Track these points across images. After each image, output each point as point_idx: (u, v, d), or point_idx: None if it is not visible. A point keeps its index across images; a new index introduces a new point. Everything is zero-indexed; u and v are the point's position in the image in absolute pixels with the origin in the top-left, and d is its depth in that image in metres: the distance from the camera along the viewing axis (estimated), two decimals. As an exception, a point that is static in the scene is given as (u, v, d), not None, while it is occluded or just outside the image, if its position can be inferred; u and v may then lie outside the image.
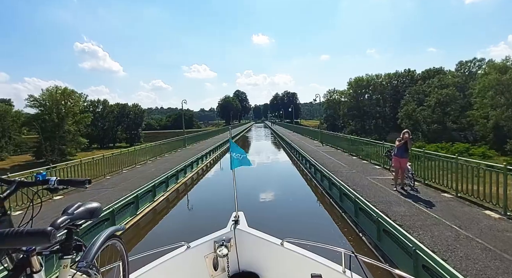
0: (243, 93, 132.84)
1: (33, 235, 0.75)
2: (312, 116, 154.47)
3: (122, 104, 61.16)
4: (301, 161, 18.37)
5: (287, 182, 16.35)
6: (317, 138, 25.97)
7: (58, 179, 1.22)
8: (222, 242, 2.41)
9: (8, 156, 43.06)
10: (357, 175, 10.60)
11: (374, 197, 7.62)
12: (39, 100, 38.14)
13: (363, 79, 57.08)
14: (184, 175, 14.82)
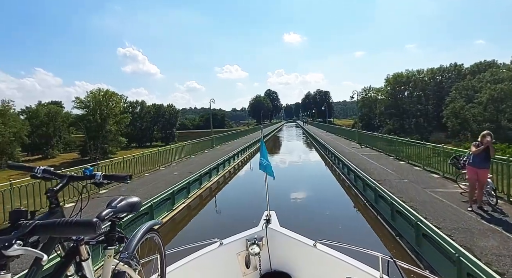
0: (274, 93, 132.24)
1: (80, 225, 0.79)
2: (345, 115, 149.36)
3: (158, 105, 63.81)
4: (337, 164, 16.86)
5: (319, 185, 15.63)
6: (353, 139, 24.28)
7: (103, 174, 1.30)
8: (254, 241, 2.42)
9: (59, 153, 47.00)
10: (411, 186, 8.75)
11: (444, 221, 5.79)
12: (84, 102, 40.93)
13: (403, 75, 53.46)
14: (217, 173, 15.01)
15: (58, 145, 48.30)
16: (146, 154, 13.66)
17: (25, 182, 7.34)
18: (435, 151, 10.74)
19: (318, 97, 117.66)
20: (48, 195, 1.13)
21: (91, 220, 0.80)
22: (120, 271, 1.27)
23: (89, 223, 0.79)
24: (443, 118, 42.89)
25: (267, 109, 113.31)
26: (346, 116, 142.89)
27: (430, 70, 53.33)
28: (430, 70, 53.30)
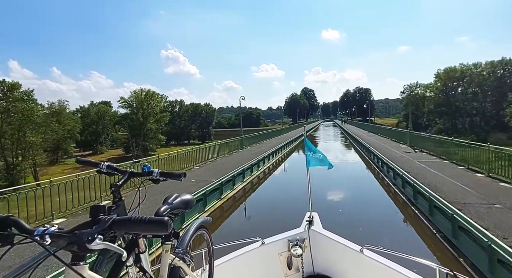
0: (311, 91, 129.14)
1: (153, 223, 0.82)
2: (387, 114, 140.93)
3: (195, 104, 65.72)
4: (386, 172, 14.03)
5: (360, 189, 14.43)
6: (403, 140, 21.20)
7: (159, 171, 1.34)
8: (296, 242, 2.39)
9: (107, 150, 50.59)
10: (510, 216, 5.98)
11: None
12: (128, 101, 43.34)
13: (456, 70, 48.24)
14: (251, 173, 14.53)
15: (106, 142, 52.03)
16: (162, 157, 12.46)
17: (76, 177, 8.33)
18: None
19: (358, 95, 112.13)
20: (112, 190, 1.19)
21: (163, 219, 0.82)
22: (175, 266, 1.30)
23: (161, 221, 0.81)
24: (505, 117, 37.91)
25: (303, 108, 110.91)
26: (388, 115, 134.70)
27: (489, 63, 47.42)
28: (490, 63, 47.36)
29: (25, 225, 0.84)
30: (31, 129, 22.43)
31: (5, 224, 0.82)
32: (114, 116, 51.68)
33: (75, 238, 0.79)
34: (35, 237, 0.78)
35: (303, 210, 2.72)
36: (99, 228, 0.83)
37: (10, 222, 0.82)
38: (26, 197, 6.78)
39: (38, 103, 27.05)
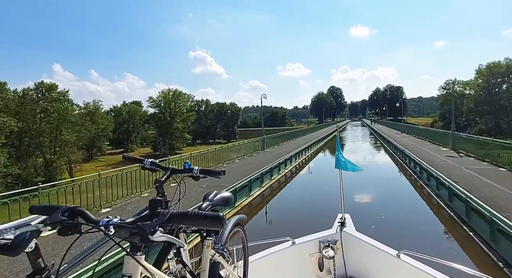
0: (338, 90, 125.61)
1: (209, 218, 0.83)
2: (420, 113, 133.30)
3: (221, 103, 66.36)
4: (427, 180, 12.09)
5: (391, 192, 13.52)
6: (443, 143, 18.87)
7: (199, 169, 1.39)
8: (328, 243, 2.37)
9: (137, 148, 52.65)
10: None
11: None
12: (156, 101, 44.67)
13: (501, 65, 44.05)
14: (270, 177, 14.03)
15: (136, 140, 54.15)
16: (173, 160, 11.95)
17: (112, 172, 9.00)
18: None
19: (389, 93, 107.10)
20: (156, 185, 1.25)
21: (219, 215, 0.83)
22: (215, 262, 1.30)
23: (217, 217, 0.83)
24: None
25: (330, 107, 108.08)
26: (421, 114, 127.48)
27: (541, 57, 42.91)
28: (542, 57, 42.86)
29: (90, 215, 0.88)
30: (66, 128, 23.71)
31: (73, 214, 0.86)
32: (143, 115, 53.60)
33: (138, 229, 0.82)
34: (101, 227, 0.82)
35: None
36: (159, 221, 0.85)
37: (77, 212, 0.87)
38: (65, 192, 7.30)
39: (74, 103, 28.72)
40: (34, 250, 0.80)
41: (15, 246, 0.74)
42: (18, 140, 22.27)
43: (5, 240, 0.72)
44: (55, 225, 0.82)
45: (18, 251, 0.76)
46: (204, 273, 1.24)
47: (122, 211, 7.73)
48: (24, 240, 0.76)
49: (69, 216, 0.86)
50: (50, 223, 0.82)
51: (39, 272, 0.81)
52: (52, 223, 0.82)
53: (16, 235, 0.74)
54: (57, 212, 0.85)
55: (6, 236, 0.72)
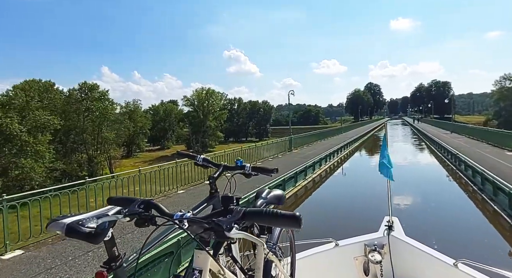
0: (376, 86, 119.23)
1: (286, 217, 0.81)
2: (470, 111, 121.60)
3: (253, 101, 66.26)
4: (492, 193, 9.96)
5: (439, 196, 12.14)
6: (508, 146, 16.38)
7: (251, 166, 1.42)
8: (374, 247, 2.24)
9: (172, 145, 54.63)
10: None
11: None
12: (190, 100, 45.78)
13: None
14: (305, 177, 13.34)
15: (171, 138, 56.21)
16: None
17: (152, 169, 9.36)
18: None
19: (434, 89, 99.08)
20: (210, 181, 1.29)
21: (295, 214, 0.80)
22: (268, 260, 1.30)
23: (294, 216, 0.80)
24: None
25: (367, 105, 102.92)
26: (471, 112, 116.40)
27: None
28: None
29: (164, 208, 0.91)
30: (106, 126, 25.05)
31: (148, 206, 0.90)
32: (179, 114, 55.36)
33: (214, 225, 0.83)
34: (175, 220, 0.86)
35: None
36: (234, 217, 0.84)
37: (151, 205, 0.90)
38: (109, 186, 7.71)
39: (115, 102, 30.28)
40: (110, 239, 0.84)
41: (97, 235, 0.79)
42: (65, 137, 24.01)
43: (89, 228, 0.77)
44: (133, 216, 0.86)
45: (99, 239, 0.81)
46: (258, 271, 1.20)
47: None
48: (104, 229, 0.81)
49: (144, 208, 0.89)
50: (129, 214, 0.86)
51: (113, 260, 0.85)
52: (130, 214, 0.86)
53: (98, 224, 0.79)
54: (134, 204, 0.89)
55: (90, 224, 0.78)
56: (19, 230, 5.61)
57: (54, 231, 0.79)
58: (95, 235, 0.78)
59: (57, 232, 0.78)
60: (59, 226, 0.77)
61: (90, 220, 0.79)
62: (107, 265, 0.84)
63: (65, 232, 0.76)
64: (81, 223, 0.78)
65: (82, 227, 0.77)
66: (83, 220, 0.79)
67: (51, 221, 0.80)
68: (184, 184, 9.90)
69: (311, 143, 23.59)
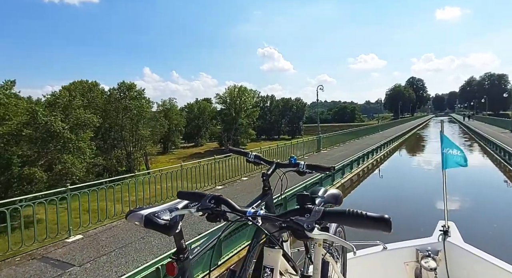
0: (419, 81, 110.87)
1: (374, 220, 0.74)
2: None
3: (286, 98, 65.29)
4: None
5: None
6: None
7: (306, 164, 1.39)
8: (427, 253, 2.11)
9: (205, 142, 55.91)
10: None
11: None
12: (222, 97, 46.33)
13: None
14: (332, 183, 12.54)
15: (205, 135, 57.55)
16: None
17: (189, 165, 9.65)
18: None
19: (487, 83, 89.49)
20: (263, 178, 1.27)
21: (384, 216, 0.73)
22: (325, 261, 1.26)
23: (383, 218, 0.72)
24: None
25: (409, 101, 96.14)
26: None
27: None
28: None
29: (234, 204, 0.90)
30: (142, 124, 26.13)
31: (218, 202, 0.90)
32: (212, 112, 56.44)
33: (293, 224, 0.80)
34: (249, 217, 0.85)
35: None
36: (314, 217, 0.80)
37: (221, 200, 0.90)
38: (149, 181, 7.95)
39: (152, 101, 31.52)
40: (179, 231, 0.87)
41: (170, 227, 0.83)
42: (107, 135, 25.50)
43: (164, 221, 0.82)
44: (205, 211, 0.87)
45: (173, 231, 0.84)
46: (316, 273, 1.17)
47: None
48: (176, 222, 0.85)
49: (215, 203, 0.89)
50: (201, 209, 0.87)
51: (181, 252, 0.88)
52: (203, 209, 0.87)
53: (172, 217, 0.84)
54: (205, 198, 0.90)
55: (164, 217, 0.83)
56: (80, 218, 6.31)
57: (133, 222, 0.83)
58: (169, 227, 0.83)
59: (135, 222, 0.83)
60: (137, 217, 0.82)
61: (164, 213, 0.84)
62: (176, 256, 0.88)
63: (144, 223, 0.81)
64: (156, 215, 0.82)
65: (158, 219, 0.82)
66: (158, 212, 0.84)
67: (129, 212, 0.85)
68: (220, 180, 10.16)
69: (343, 142, 21.67)
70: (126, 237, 5.92)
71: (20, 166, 15.20)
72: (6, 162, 14.98)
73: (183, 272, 0.88)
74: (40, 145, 15.01)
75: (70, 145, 15.32)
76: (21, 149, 15.41)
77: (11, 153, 14.96)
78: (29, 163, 15.27)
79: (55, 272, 4.66)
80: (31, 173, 13.65)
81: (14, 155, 15.17)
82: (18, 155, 15.37)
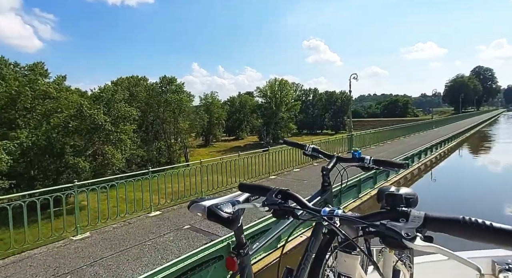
0: (487, 71, 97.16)
1: (503, 233, 0.59)
2: None
3: (330, 92, 62.22)
4: None
5: None
6: None
7: (373, 158, 1.24)
8: (507, 266, 1.83)
9: (246, 136, 56.13)
10: None
11: None
12: (263, 91, 45.70)
13: None
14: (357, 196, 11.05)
15: (246, 129, 57.79)
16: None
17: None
18: None
19: None
20: (323, 173, 1.18)
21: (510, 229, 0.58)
22: (396, 270, 1.19)
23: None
24: None
25: (473, 93, 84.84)
26: None
27: None
28: None
29: (304, 201, 0.82)
30: (182, 117, 26.76)
31: (286, 197, 0.83)
32: (253, 105, 56.28)
33: (385, 229, 0.68)
34: (324, 217, 0.77)
35: None
36: (414, 223, 0.67)
37: (289, 196, 0.83)
38: (183, 174, 7.95)
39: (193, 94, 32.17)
40: (240, 225, 0.85)
41: (233, 220, 0.81)
42: (151, 127, 26.68)
43: (226, 214, 0.80)
44: (272, 206, 0.81)
45: (235, 225, 0.82)
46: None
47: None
48: (237, 216, 0.83)
49: (282, 198, 0.82)
50: (268, 204, 0.81)
51: (241, 247, 0.87)
52: (269, 204, 0.81)
53: (234, 211, 0.81)
54: (271, 192, 0.83)
55: (226, 210, 0.80)
56: (151, 200, 6.88)
57: (195, 212, 0.82)
58: (232, 221, 0.80)
59: (197, 213, 0.81)
60: (200, 208, 0.81)
61: (226, 205, 0.81)
62: (236, 251, 0.86)
63: (207, 215, 0.79)
64: (219, 207, 0.80)
65: (221, 211, 0.79)
66: (220, 204, 0.81)
67: (191, 202, 0.84)
68: (253, 176, 9.80)
69: (383, 141, 18.21)
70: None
71: (72, 155, 16.48)
72: (60, 151, 16.33)
73: (243, 268, 0.86)
74: (85, 136, 15.99)
75: (111, 137, 16.05)
76: (73, 140, 16.66)
77: (62, 143, 16.25)
78: (77, 153, 16.45)
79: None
80: (75, 163, 14.56)
81: (67, 145, 16.47)
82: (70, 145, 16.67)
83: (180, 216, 6.57)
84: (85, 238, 5.63)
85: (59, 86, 16.85)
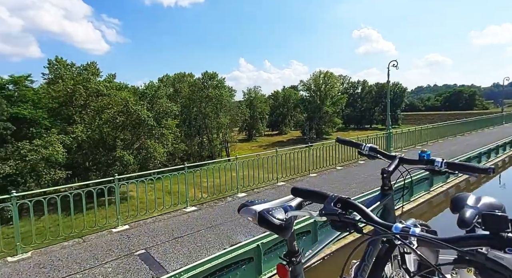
0: None
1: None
2: None
3: (381, 84, 57.55)
4: None
5: None
6: None
7: (446, 161, 1.06)
8: None
9: (289, 131, 55.10)
10: None
11: None
12: (306, 84, 44.06)
13: None
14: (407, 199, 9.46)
15: (289, 123, 56.69)
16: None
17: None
18: None
19: None
20: (383, 176, 1.08)
21: None
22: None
23: None
24: None
25: None
26: None
27: None
28: None
29: (369, 213, 0.72)
30: (223, 112, 26.99)
31: (346, 206, 0.73)
32: (296, 99, 54.83)
33: (485, 259, 0.59)
34: (396, 235, 0.66)
35: None
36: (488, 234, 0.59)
37: (349, 205, 0.73)
38: (225, 168, 7.89)
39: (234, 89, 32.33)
40: (292, 232, 0.81)
41: (285, 228, 0.76)
42: (194, 122, 27.48)
43: (279, 221, 0.74)
44: (330, 217, 0.72)
45: (288, 233, 0.77)
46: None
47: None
48: (290, 223, 0.77)
49: (341, 207, 0.73)
50: (326, 213, 0.73)
51: (293, 255, 0.83)
52: (328, 214, 0.72)
53: (287, 218, 0.76)
54: (328, 200, 0.74)
55: (279, 216, 0.75)
56: (194, 193, 7.08)
57: (245, 217, 0.79)
58: (284, 228, 0.75)
59: (248, 218, 0.78)
60: (250, 212, 0.77)
61: (277, 211, 0.76)
62: (287, 258, 0.82)
63: (258, 220, 0.75)
64: (270, 213, 0.76)
65: (273, 218, 0.75)
66: (271, 209, 0.77)
67: (242, 205, 0.80)
68: (292, 173, 9.29)
69: (433, 140, 15.60)
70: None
71: (121, 148, 17.68)
72: (112, 144, 17.63)
73: (294, 276, 0.81)
74: (131, 131, 16.93)
75: (154, 132, 16.74)
76: (123, 134, 17.84)
77: (113, 137, 17.49)
78: (126, 146, 17.56)
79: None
80: (121, 156, 15.49)
81: (118, 139, 17.70)
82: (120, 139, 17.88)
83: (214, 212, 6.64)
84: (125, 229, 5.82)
85: (109, 84, 18.07)
